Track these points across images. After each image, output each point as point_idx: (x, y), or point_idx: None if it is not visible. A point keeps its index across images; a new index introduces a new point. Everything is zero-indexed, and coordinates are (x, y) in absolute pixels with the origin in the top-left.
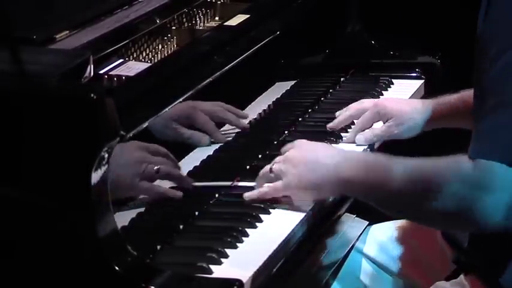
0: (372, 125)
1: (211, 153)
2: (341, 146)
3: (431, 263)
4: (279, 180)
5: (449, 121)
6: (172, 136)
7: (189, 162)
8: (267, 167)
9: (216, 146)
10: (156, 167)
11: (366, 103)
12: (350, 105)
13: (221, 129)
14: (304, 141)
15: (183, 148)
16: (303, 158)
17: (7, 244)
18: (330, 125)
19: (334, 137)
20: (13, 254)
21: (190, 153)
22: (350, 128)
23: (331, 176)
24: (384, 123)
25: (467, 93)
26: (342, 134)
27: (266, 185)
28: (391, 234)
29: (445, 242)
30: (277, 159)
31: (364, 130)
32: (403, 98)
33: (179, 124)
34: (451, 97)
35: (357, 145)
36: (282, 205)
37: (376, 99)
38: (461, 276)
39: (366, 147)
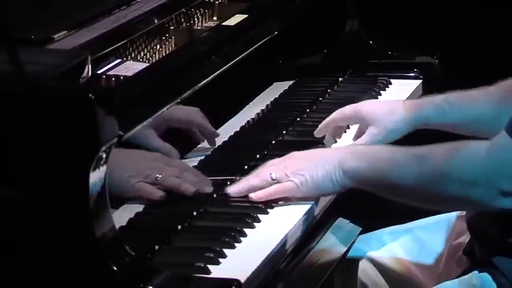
0: (347, 127)
1: (209, 153)
2: None
3: (433, 263)
4: (279, 183)
5: (433, 122)
6: (143, 143)
7: (186, 162)
8: (265, 174)
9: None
10: (159, 175)
11: (347, 109)
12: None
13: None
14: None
15: (181, 148)
16: (307, 158)
17: (5, 244)
18: (315, 132)
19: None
20: (11, 254)
21: (188, 154)
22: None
23: (337, 170)
24: (363, 128)
25: (453, 95)
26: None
27: (272, 187)
28: (391, 233)
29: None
30: (272, 168)
31: (338, 132)
32: (401, 98)
33: (153, 131)
34: (437, 97)
35: None
36: (280, 205)
37: (356, 105)
38: (473, 275)
39: None
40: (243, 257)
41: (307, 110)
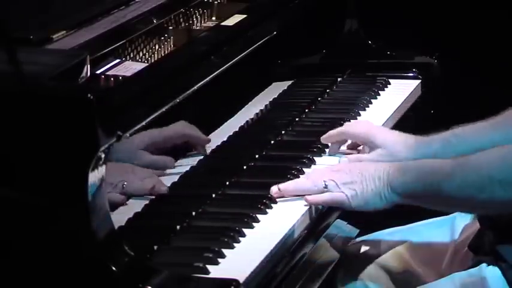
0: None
1: (208, 153)
2: (324, 158)
3: (437, 259)
4: (329, 191)
5: (441, 156)
6: (137, 163)
7: (186, 163)
8: (318, 180)
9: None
10: (125, 183)
11: (360, 127)
12: (345, 124)
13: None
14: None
15: (180, 148)
16: (357, 172)
17: (3, 244)
18: (322, 137)
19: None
20: (9, 254)
21: (187, 154)
22: None
23: (386, 187)
24: (370, 148)
25: (459, 128)
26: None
27: (327, 195)
28: (390, 233)
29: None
30: (325, 175)
31: (343, 142)
32: (400, 98)
33: (144, 151)
34: (444, 133)
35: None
36: (278, 206)
37: (370, 126)
38: (481, 267)
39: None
40: (242, 257)
41: (306, 110)
